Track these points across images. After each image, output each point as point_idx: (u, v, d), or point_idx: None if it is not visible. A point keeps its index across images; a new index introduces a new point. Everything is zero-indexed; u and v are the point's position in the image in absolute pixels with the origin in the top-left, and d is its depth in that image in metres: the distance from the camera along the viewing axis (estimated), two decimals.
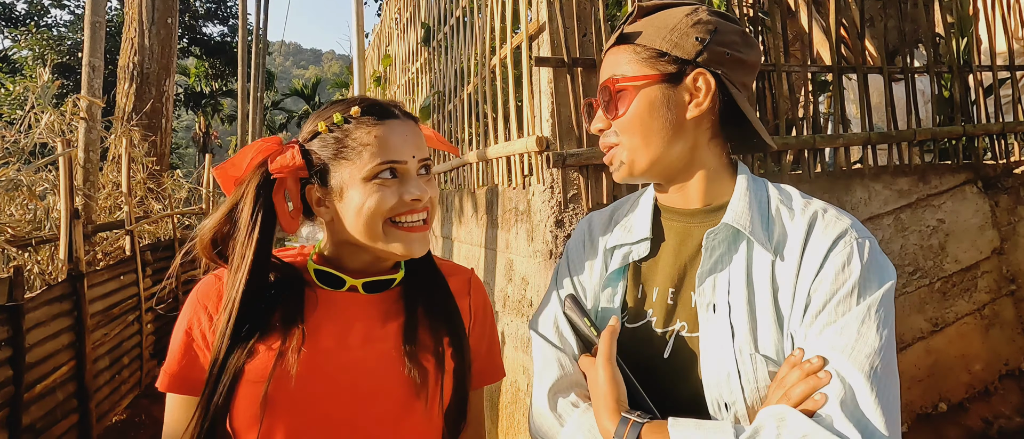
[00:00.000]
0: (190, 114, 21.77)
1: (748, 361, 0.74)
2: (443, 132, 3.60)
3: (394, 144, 0.87)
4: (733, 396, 0.74)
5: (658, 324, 0.84)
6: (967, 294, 2.54)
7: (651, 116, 0.83)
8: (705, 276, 0.80)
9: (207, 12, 17.65)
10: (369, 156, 0.86)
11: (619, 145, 0.86)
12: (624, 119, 0.84)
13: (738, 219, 0.80)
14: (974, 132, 2.56)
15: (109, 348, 4.30)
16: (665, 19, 0.84)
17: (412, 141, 0.89)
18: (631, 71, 0.83)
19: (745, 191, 0.83)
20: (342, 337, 0.88)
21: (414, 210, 0.88)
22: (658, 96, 0.83)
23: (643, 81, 0.82)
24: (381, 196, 0.86)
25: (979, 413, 2.58)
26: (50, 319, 3.43)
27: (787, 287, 0.76)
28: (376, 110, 0.90)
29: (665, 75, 0.82)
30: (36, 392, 3.22)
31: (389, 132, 0.88)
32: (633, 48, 0.84)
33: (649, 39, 0.83)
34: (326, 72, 72.23)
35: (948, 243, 2.50)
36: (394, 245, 0.88)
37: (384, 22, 5.96)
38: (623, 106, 0.84)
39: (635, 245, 0.89)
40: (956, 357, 2.49)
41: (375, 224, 0.86)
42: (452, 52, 3.35)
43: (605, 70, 0.88)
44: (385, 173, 0.86)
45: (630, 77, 0.83)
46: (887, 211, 2.40)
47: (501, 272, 2.37)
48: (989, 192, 2.65)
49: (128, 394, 4.65)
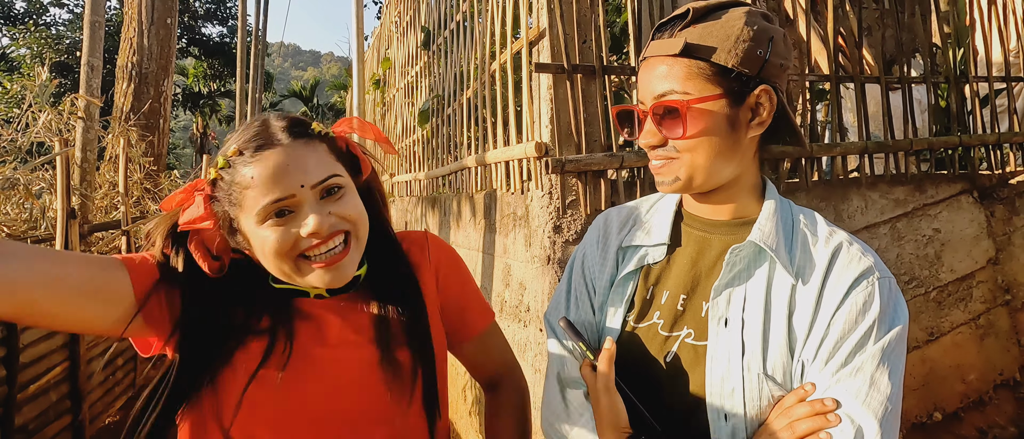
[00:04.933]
0: (188, 114, 21.73)
1: (755, 380, 0.75)
2: (442, 136, 3.60)
3: (274, 179, 0.79)
4: (735, 409, 0.75)
5: (664, 328, 0.84)
6: (962, 304, 2.55)
7: (716, 136, 0.79)
8: (722, 289, 0.80)
9: (207, 12, 17.65)
10: (251, 200, 0.79)
11: (676, 160, 0.81)
12: (687, 140, 0.79)
13: (765, 239, 0.80)
14: (970, 142, 2.57)
15: (103, 349, 4.27)
16: (726, 28, 0.78)
17: (298, 167, 0.80)
18: (694, 89, 0.77)
19: (774, 211, 0.83)
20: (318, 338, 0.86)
21: (314, 246, 0.81)
22: (723, 115, 0.78)
23: (709, 101, 0.77)
24: (276, 239, 0.79)
25: (974, 423, 2.59)
26: None
27: (804, 313, 0.76)
28: (253, 143, 0.81)
29: (730, 93, 0.78)
30: (29, 392, 3.20)
31: (265, 167, 0.79)
32: (692, 61, 0.77)
33: (712, 52, 0.77)
34: (325, 74, 72.21)
35: (944, 253, 2.51)
36: (311, 278, 0.83)
37: (384, 25, 5.96)
38: (685, 125, 0.78)
39: (652, 248, 0.89)
40: (951, 367, 2.50)
41: (282, 264, 0.81)
42: (452, 56, 3.35)
43: (657, 81, 0.80)
44: (273, 214, 0.80)
45: (695, 98, 0.77)
46: (883, 220, 2.41)
47: (499, 277, 2.37)
48: (985, 202, 2.66)
49: (122, 396, 4.62)
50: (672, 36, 0.80)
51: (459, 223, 2.97)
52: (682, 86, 0.78)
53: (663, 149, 0.82)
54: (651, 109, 0.81)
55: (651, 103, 0.81)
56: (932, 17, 2.92)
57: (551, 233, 1.84)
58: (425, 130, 3.95)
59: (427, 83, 4.06)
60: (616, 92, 2.30)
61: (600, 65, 1.89)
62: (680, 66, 0.78)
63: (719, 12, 0.80)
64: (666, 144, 0.81)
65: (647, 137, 0.82)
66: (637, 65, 0.88)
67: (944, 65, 2.78)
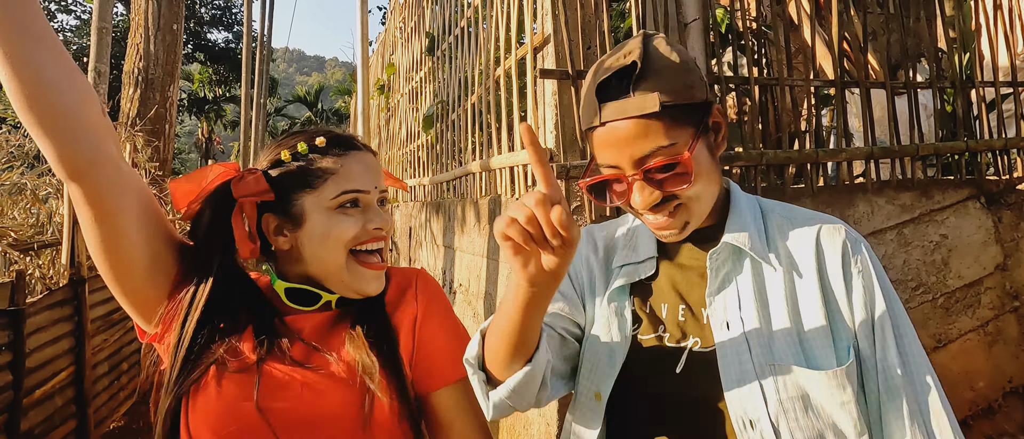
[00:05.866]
0: (193, 119, 21.86)
1: (770, 372, 0.75)
2: (446, 141, 3.60)
3: (357, 174, 0.91)
4: (757, 413, 0.75)
5: (671, 339, 0.84)
6: (970, 310, 2.53)
7: (711, 171, 0.80)
8: (714, 294, 0.82)
9: (212, 18, 17.77)
10: (333, 185, 0.89)
11: (683, 208, 0.79)
12: (694, 187, 0.77)
13: (737, 238, 0.82)
14: (977, 147, 2.56)
15: (108, 354, 4.29)
16: (669, 67, 0.77)
17: (373, 172, 0.94)
18: (679, 139, 0.76)
19: (741, 210, 0.85)
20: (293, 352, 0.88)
21: (377, 238, 0.91)
22: (706, 149, 0.79)
23: (695, 144, 0.77)
24: (345, 224, 0.89)
25: (982, 430, 2.56)
26: (51, 324, 3.43)
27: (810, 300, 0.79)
28: (340, 141, 0.94)
29: (700, 125, 0.78)
30: (35, 397, 3.21)
31: (353, 162, 0.92)
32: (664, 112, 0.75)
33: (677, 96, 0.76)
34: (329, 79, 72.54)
35: (951, 258, 2.50)
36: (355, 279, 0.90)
37: (388, 31, 5.99)
38: (691, 176, 0.76)
39: (641, 264, 0.89)
40: (959, 374, 2.48)
41: (339, 252, 0.89)
42: (456, 62, 3.36)
43: (637, 144, 0.76)
44: (348, 202, 0.90)
45: (682, 146, 0.76)
46: (890, 226, 2.39)
47: (503, 282, 2.36)
48: (992, 208, 2.64)
49: (126, 401, 4.63)
50: (632, 94, 0.75)
51: (463, 228, 2.97)
52: (668, 140, 0.75)
53: (663, 204, 0.79)
54: (643, 173, 0.76)
55: (635, 168, 0.77)
56: (937, 21, 2.91)
57: None
58: (429, 135, 3.96)
59: (431, 88, 4.07)
60: None
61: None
62: (657, 122, 0.75)
63: (649, 52, 0.77)
64: (671, 198, 0.79)
65: (648, 199, 0.77)
66: (585, 133, 0.82)
67: (950, 70, 2.77)
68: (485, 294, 2.58)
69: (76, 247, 3.78)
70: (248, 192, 0.89)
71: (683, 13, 2.03)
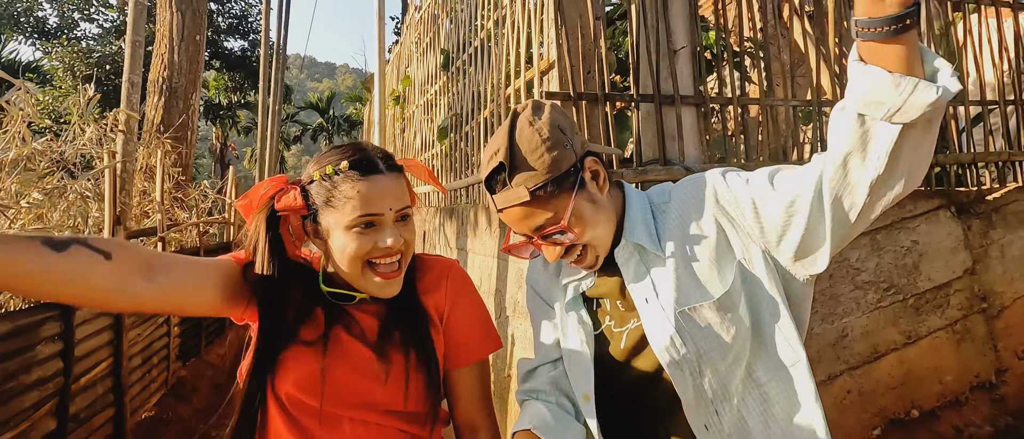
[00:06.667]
0: (207, 125, 22.30)
1: (681, 318, 0.96)
2: (459, 152, 3.87)
3: (373, 199, 0.99)
4: (680, 352, 0.96)
5: (616, 325, 1.06)
6: (940, 310, 2.75)
7: (595, 215, 0.99)
8: (632, 282, 1.02)
9: (229, 27, 18.20)
10: (351, 209, 0.98)
11: (587, 248, 1.01)
12: (586, 234, 0.99)
13: (633, 235, 1.02)
14: (945, 161, 2.79)
15: (141, 348, 4.58)
16: (531, 153, 0.95)
17: (391, 194, 1.01)
18: (557, 208, 0.96)
19: (633, 211, 1.04)
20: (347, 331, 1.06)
21: (388, 254, 1.01)
22: (585, 200, 0.99)
23: (571, 204, 0.96)
24: (359, 243, 0.99)
25: (950, 421, 2.78)
26: (93, 317, 3.71)
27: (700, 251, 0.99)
28: (362, 165, 1.00)
29: (575, 184, 0.97)
30: (81, 384, 3.49)
31: (370, 188, 0.99)
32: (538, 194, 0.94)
33: (544, 177, 0.94)
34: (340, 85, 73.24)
35: (921, 262, 2.72)
36: (370, 285, 1.03)
37: (404, 44, 6.28)
38: (575, 232, 0.97)
39: (582, 279, 1.10)
40: (928, 368, 2.70)
41: (354, 265, 1.01)
42: (470, 78, 3.63)
43: (528, 222, 0.97)
44: (363, 224, 0.99)
45: (562, 213, 0.96)
46: (863, 232, 2.63)
47: (512, 280, 2.62)
48: (962, 217, 2.87)
49: (156, 392, 4.92)
50: (507, 187, 0.96)
51: (475, 232, 3.23)
52: (549, 212, 0.96)
53: (569, 252, 1.01)
54: (540, 238, 0.99)
55: (537, 236, 0.99)
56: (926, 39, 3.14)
57: None
58: (444, 145, 4.23)
59: (445, 101, 4.34)
60: (618, 114, 2.56)
61: (602, 93, 2.16)
62: (534, 204, 0.95)
63: (512, 145, 0.96)
64: (573, 249, 1.01)
65: (554, 254, 1.00)
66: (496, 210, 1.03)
67: None
68: (495, 291, 2.84)
69: None
70: (286, 206, 1.02)
71: (673, 41, 2.29)
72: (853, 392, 2.54)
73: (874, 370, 2.59)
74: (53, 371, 3.19)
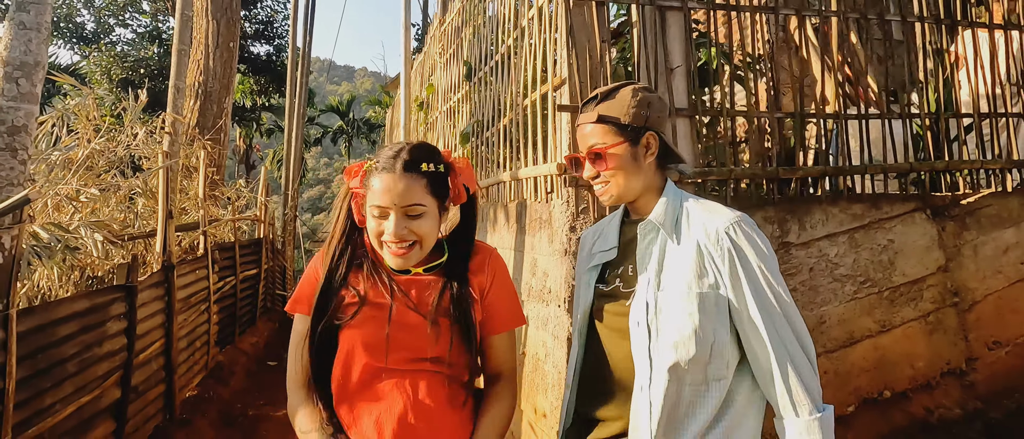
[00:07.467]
0: (232, 127, 22.92)
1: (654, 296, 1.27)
2: (480, 156, 4.24)
3: (380, 194, 1.24)
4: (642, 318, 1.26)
5: (623, 288, 1.36)
6: (913, 303, 3.04)
7: (625, 166, 1.30)
8: (643, 252, 1.33)
9: (256, 32, 18.81)
10: (371, 198, 1.26)
11: (608, 184, 1.32)
12: (610, 171, 1.31)
13: (656, 217, 1.33)
14: (920, 168, 3.09)
15: (187, 332, 5.00)
16: (620, 101, 1.30)
17: (396, 192, 1.23)
18: (608, 140, 1.30)
19: (664, 202, 1.35)
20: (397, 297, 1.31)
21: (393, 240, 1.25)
22: (627, 153, 1.30)
23: (617, 147, 1.30)
24: (373, 225, 1.27)
25: (922, 403, 3.06)
26: (151, 301, 4.14)
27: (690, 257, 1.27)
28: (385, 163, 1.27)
29: (629, 139, 1.31)
30: (140, 360, 3.91)
31: (382, 184, 1.24)
32: (603, 125, 1.30)
33: (613, 117, 1.29)
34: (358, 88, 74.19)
35: (897, 259, 3.01)
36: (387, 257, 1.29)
37: (427, 54, 6.68)
38: (606, 162, 1.30)
39: (608, 251, 1.43)
40: (901, 354, 2.99)
41: (374, 241, 1.29)
42: (491, 88, 3.99)
43: (587, 137, 1.32)
44: (376, 212, 1.26)
45: (609, 145, 1.30)
46: (842, 231, 2.93)
47: (527, 269, 2.97)
48: (937, 219, 3.15)
49: (199, 374, 5.34)
50: (590, 110, 1.32)
51: (495, 227, 3.58)
52: (601, 139, 1.30)
53: (598, 178, 1.33)
54: (586, 155, 1.34)
55: (585, 151, 1.34)
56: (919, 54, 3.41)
57: (568, 232, 2.44)
58: (466, 149, 4.60)
59: (467, 108, 4.71)
60: None
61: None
62: (598, 128, 1.30)
63: (616, 91, 1.32)
64: (599, 175, 1.33)
65: (587, 171, 1.35)
66: None
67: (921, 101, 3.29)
68: (513, 279, 3.19)
69: (168, 238, 4.50)
70: (355, 188, 1.32)
71: (670, 59, 2.63)
72: (830, 372, 2.85)
73: (850, 354, 2.89)
74: (119, 346, 3.60)
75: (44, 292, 4.17)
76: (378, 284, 1.32)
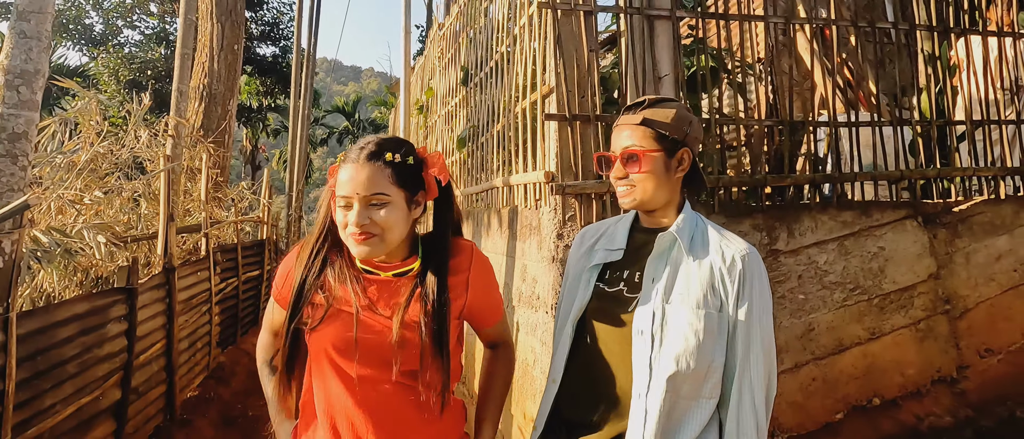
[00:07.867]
0: (238, 128, 23.09)
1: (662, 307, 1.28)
2: (476, 160, 4.27)
3: (343, 184, 1.23)
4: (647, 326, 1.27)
5: (627, 292, 1.34)
6: (904, 310, 3.04)
7: (656, 174, 1.32)
8: (654, 260, 1.33)
9: (261, 34, 18.94)
10: (338, 189, 1.25)
11: (635, 188, 1.33)
12: (640, 174, 1.32)
13: (676, 230, 1.32)
14: (911, 175, 3.09)
15: (187, 333, 5.06)
16: (666, 113, 1.33)
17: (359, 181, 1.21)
18: (646, 145, 1.31)
19: (684, 219, 1.35)
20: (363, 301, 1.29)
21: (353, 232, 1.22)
22: (661, 162, 1.32)
23: (654, 153, 1.32)
24: (339, 215, 1.25)
25: (912, 410, 3.06)
26: (151, 303, 4.19)
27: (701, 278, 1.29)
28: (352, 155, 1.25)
29: (666, 150, 1.33)
30: (141, 361, 3.96)
31: (345, 173, 1.24)
32: (645, 128, 1.32)
33: (658, 125, 1.32)
34: (364, 88, 74.49)
35: (887, 267, 3.02)
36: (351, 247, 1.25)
37: (428, 57, 6.72)
38: (640, 165, 1.31)
39: (614, 251, 1.44)
40: (891, 361, 2.99)
41: (341, 233, 1.26)
42: (486, 94, 4.03)
43: (626, 137, 1.33)
44: (342, 202, 1.24)
45: (646, 150, 1.31)
46: (832, 238, 2.94)
47: (518, 274, 3.00)
48: (928, 226, 3.16)
49: (200, 374, 5.40)
50: (635, 113, 1.35)
51: (488, 232, 3.62)
52: (639, 142, 1.31)
53: (626, 180, 1.34)
54: (620, 155, 1.34)
55: (620, 151, 1.34)
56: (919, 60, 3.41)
57: (555, 239, 2.47)
58: (462, 153, 4.64)
59: (465, 113, 4.75)
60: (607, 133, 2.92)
61: (594, 115, 2.53)
62: (639, 130, 1.32)
63: (664, 104, 1.36)
64: (627, 177, 1.34)
65: (617, 172, 1.34)
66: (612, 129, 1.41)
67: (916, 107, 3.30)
68: (504, 284, 3.22)
69: (169, 240, 4.56)
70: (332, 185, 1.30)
71: (658, 68, 2.65)
72: (818, 379, 2.86)
73: (838, 361, 2.90)
74: (119, 347, 3.65)
75: (48, 293, 4.24)
76: (346, 284, 1.30)
